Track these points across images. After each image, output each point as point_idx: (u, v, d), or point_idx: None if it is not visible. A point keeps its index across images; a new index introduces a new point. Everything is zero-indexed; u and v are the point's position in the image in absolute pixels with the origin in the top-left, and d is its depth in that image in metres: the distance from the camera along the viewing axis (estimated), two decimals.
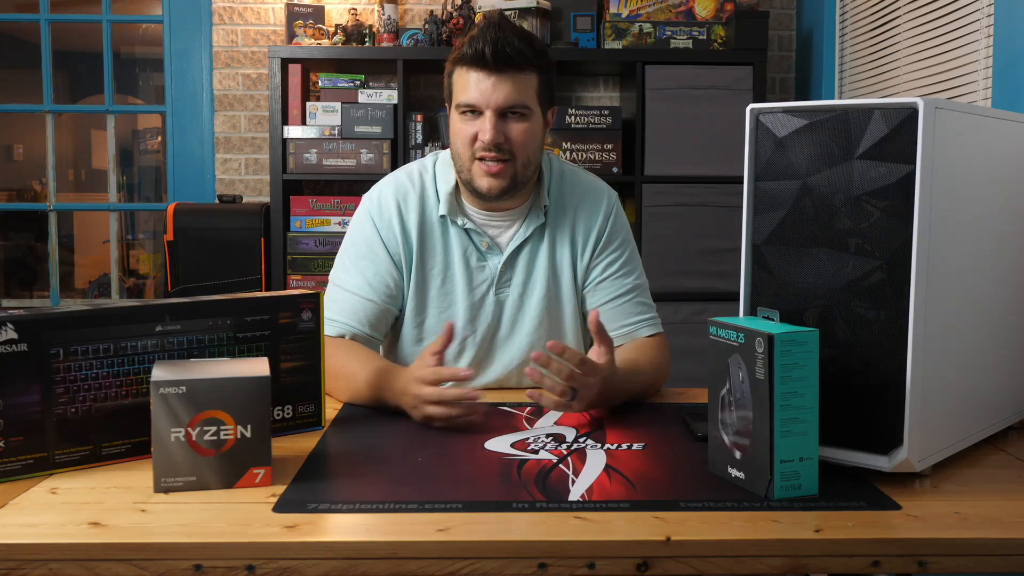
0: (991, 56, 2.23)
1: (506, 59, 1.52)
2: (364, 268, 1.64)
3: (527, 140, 1.57)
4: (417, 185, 1.67)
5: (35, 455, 1.14)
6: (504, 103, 1.54)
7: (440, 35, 3.26)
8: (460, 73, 1.57)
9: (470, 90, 1.55)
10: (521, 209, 1.67)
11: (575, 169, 1.75)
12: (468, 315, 1.64)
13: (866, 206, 1.11)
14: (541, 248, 1.67)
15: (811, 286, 1.16)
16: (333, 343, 1.57)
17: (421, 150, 3.21)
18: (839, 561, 0.97)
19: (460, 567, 0.95)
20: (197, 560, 0.94)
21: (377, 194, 1.68)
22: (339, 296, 1.65)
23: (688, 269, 3.15)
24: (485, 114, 1.55)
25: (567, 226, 1.68)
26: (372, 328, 1.63)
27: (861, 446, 1.13)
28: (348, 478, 1.15)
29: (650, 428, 1.38)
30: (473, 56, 1.53)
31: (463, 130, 1.58)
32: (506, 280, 1.66)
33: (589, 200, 1.70)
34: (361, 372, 1.50)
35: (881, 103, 1.09)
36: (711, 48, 3.23)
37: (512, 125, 1.56)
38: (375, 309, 1.63)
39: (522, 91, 1.56)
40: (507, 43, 1.52)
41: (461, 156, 1.59)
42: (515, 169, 1.58)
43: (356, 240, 1.67)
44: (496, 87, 1.53)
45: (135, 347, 1.20)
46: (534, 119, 1.59)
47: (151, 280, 5.68)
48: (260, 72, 3.50)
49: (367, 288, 1.63)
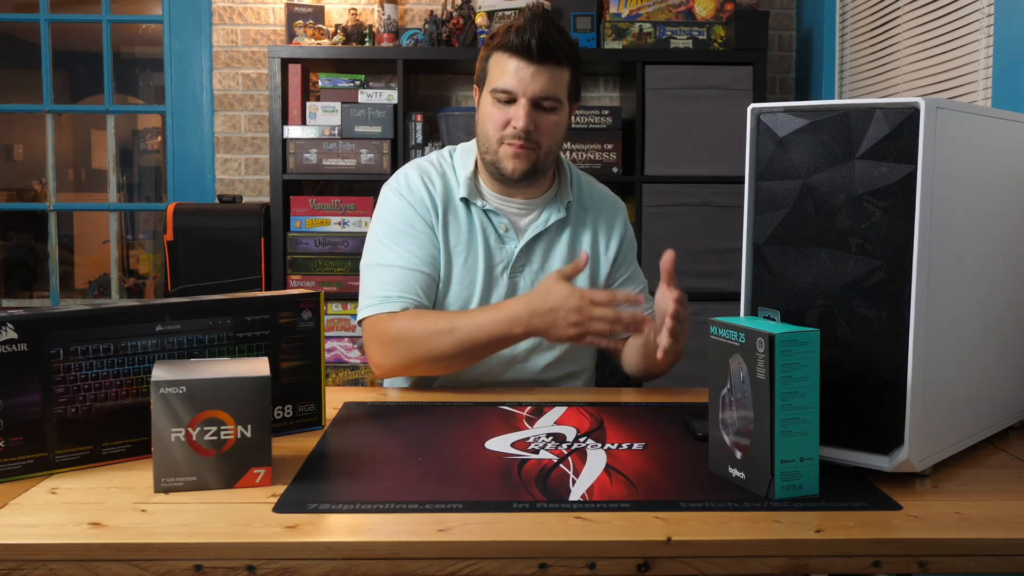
0: (991, 56, 2.23)
1: (549, 52, 1.59)
2: (407, 243, 1.66)
3: (554, 132, 1.65)
4: (438, 168, 1.73)
5: (35, 455, 1.13)
6: (540, 94, 1.60)
7: (440, 35, 3.26)
8: (499, 58, 1.63)
9: (508, 77, 1.60)
10: (540, 199, 1.73)
11: (587, 175, 1.85)
12: (483, 293, 1.68)
13: (867, 206, 1.11)
14: (561, 240, 1.74)
15: (812, 286, 1.16)
16: (397, 316, 1.58)
17: (421, 150, 3.21)
18: (840, 561, 0.97)
19: (460, 567, 0.95)
20: (197, 560, 0.94)
21: (403, 176, 1.72)
22: (386, 275, 1.65)
23: (688, 269, 3.15)
24: (520, 102, 1.61)
25: (588, 227, 1.76)
26: (428, 299, 1.65)
27: (862, 446, 1.13)
28: (348, 478, 1.15)
29: (650, 428, 1.38)
30: (519, 45, 1.59)
31: (495, 114, 1.63)
32: (521, 264, 1.71)
33: (609, 209, 1.81)
34: (465, 321, 1.54)
35: (882, 103, 1.09)
36: (711, 48, 3.23)
37: (543, 116, 1.63)
38: (427, 281, 1.65)
39: (557, 84, 1.62)
40: (551, 37, 1.60)
41: (490, 138, 1.65)
42: (538, 156, 1.65)
43: (391, 220, 1.69)
44: (535, 77, 1.60)
45: (135, 347, 1.20)
46: (562, 112, 1.66)
47: (151, 280, 5.68)
48: (260, 72, 3.50)
49: (416, 260, 1.65)
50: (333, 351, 3.21)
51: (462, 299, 1.68)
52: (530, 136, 1.61)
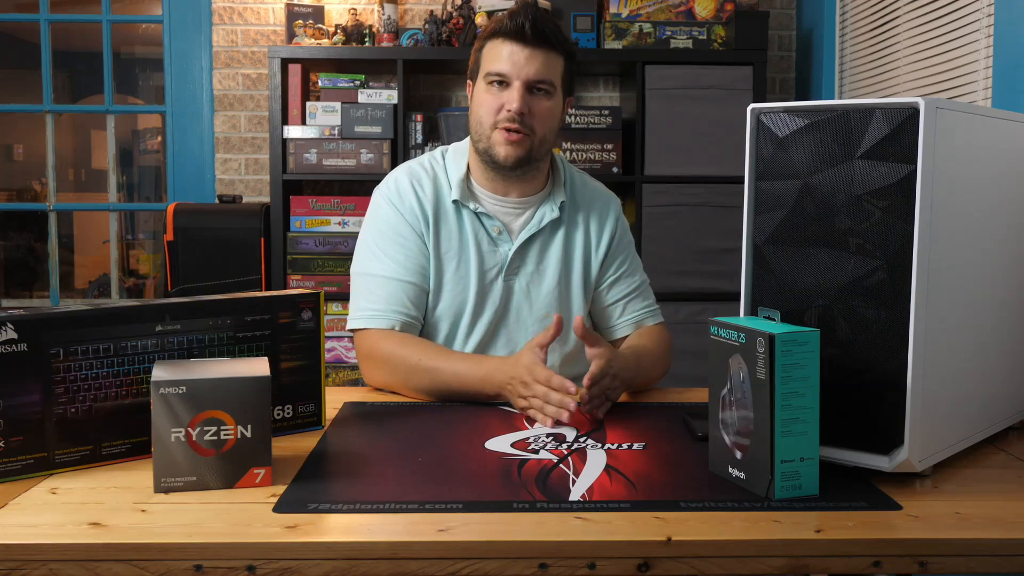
0: (991, 56, 2.23)
1: (542, 35, 1.61)
2: (395, 252, 1.65)
3: (548, 118, 1.64)
4: (429, 172, 1.72)
5: (35, 455, 1.13)
6: (534, 76, 1.61)
7: (440, 35, 3.26)
8: (493, 45, 1.64)
9: (502, 61, 1.61)
10: (534, 198, 1.72)
11: (581, 172, 1.83)
12: (477, 299, 1.67)
13: (867, 206, 1.11)
14: (554, 241, 1.72)
15: (812, 286, 1.16)
16: (387, 336, 1.59)
17: (421, 150, 3.21)
18: (840, 561, 0.97)
19: (461, 567, 0.95)
20: (197, 560, 0.94)
21: (393, 181, 1.71)
22: (374, 285, 1.65)
23: (688, 269, 3.15)
24: (513, 84, 1.61)
25: (581, 224, 1.75)
26: (417, 310, 1.65)
27: (862, 446, 1.13)
28: (348, 478, 1.15)
29: (650, 428, 1.38)
30: (512, 29, 1.60)
31: (488, 100, 1.63)
32: (516, 267, 1.70)
33: (600, 203, 1.79)
34: (447, 366, 1.53)
35: (882, 103, 1.09)
36: (711, 48, 3.23)
37: (537, 101, 1.63)
38: (415, 291, 1.65)
39: (551, 68, 1.63)
40: (545, 21, 1.61)
41: (483, 124, 1.64)
42: (532, 143, 1.64)
43: (380, 228, 1.68)
44: (529, 60, 1.60)
45: (135, 347, 1.20)
46: (556, 99, 1.66)
47: (151, 280, 5.68)
48: (260, 72, 3.50)
49: (403, 271, 1.64)
50: (333, 351, 3.21)
51: (455, 308, 1.67)
52: (524, 120, 1.61)
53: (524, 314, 1.70)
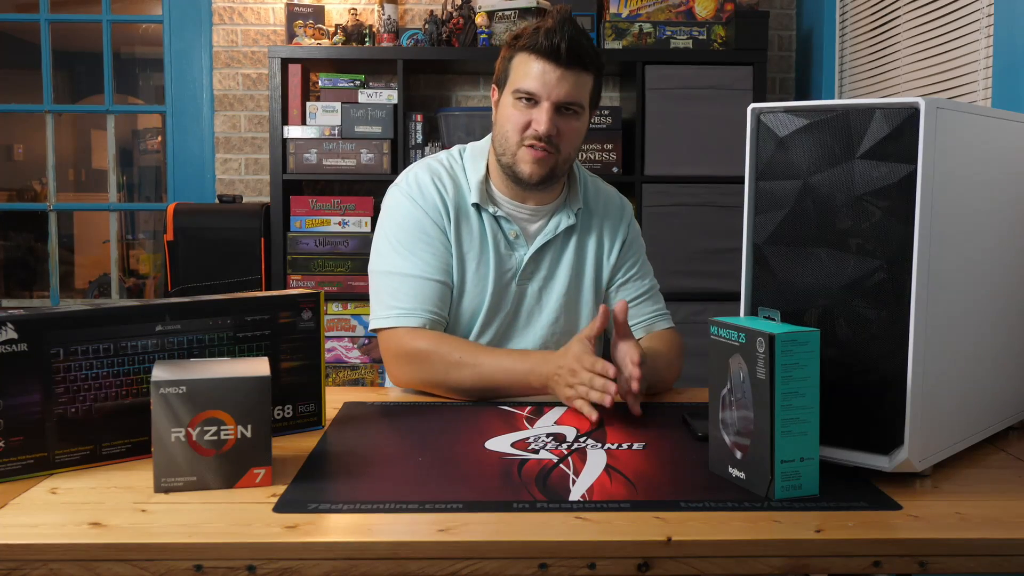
0: (991, 56, 2.23)
1: (576, 58, 1.57)
2: (421, 250, 1.63)
3: (574, 138, 1.63)
4: (449, 170, 1.70)
5: (35, 455, 1.13)
6: (564, 98, 1.59)
7: (440, 35, 3.26)
8: (524, 59, 1.60)
9: (532, 79, 1.58)
10: (551, 206, 1.72)
11: (594, 176, 1.83)
12: (492, 301, 1.67)
13: (867, 206, 1.11)
14: (569, 247, 1.72)
15: (812, 286, 1.16)
16: (419, 334, 1.57)
17: (421, 150, 3.21)
18: (840, 561, 0.97)
19: (461, 567, 0.95)
20: (197, 560, 0.94)
21: (413, 177, 1.68)
22: (400, 283, 1.62)
23: (688, 269, 3.15)
24: (543, 105, 1.58)
25: (594, 229, 1.75)
26: (445, 310, 1.64)
27: (862, 446, 1.13)
28: (348, 478, 1.15)
29: (650, 428, 1.38)
30: (547, 48, 1.56)
31: (515, 116, 1.61)
32: (530, 272, 1.70)
33: (613, 207, 1.79)
34: (491, 360, 1.52)
35: (882, 103, 1.09)
36: (711, 48, 3.23)
37: (565, 121, 1.61)
38: (442, 290, 1.63)
39: (581, 90, 1.61)
40: (579, 42, 1.57)
41: (509, 140, 1.62)
42: (557, 161, 1.63)
43: (402, 224, 1.65)
44: (560, 82, 1.57)
45: (135, 347, 1.20)
46: (583, 119, 1.64)
47: (151, 280, 5.68)
48: (260, 72, 3.50)
49: (430, 269, 1.62)
50: (333, 351, 3.21)
51: (473, 307, 1.66)
52: (551, 140, 1.59)
53: (534, 318, 1.70)
